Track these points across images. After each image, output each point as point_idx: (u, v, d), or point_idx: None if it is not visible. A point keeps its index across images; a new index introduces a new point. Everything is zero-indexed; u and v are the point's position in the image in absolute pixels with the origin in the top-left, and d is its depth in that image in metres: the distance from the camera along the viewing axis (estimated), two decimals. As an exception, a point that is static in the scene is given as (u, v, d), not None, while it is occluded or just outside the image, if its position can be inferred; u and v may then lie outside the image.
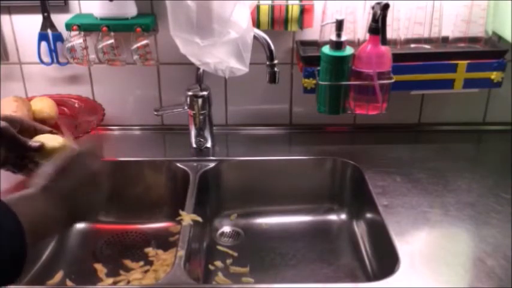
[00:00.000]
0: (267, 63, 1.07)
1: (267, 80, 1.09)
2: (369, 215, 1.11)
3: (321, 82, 1.12)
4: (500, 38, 1.18)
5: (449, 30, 1.19)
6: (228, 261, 1.10)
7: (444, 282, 0.85)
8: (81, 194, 0.73)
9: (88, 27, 1.17)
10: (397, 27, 1.17)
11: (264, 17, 1.15)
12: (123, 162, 1.20)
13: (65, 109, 1.26)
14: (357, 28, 1.16)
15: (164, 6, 1.00)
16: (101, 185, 0.77)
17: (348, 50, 1.10)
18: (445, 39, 1.20)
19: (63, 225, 0.73)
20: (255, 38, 1.03)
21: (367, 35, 1.09)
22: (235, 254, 1.12)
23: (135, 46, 1.18)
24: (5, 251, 0.59)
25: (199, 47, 1.00)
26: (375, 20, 1.05)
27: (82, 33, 1.18)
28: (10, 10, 1.21)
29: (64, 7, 1.20)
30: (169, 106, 1.24)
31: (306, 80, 1.17)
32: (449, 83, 1.18)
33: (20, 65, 1.27)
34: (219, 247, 1.14)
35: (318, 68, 1.12)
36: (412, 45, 1.19)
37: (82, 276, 1.05)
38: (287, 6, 1.14)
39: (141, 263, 1.08)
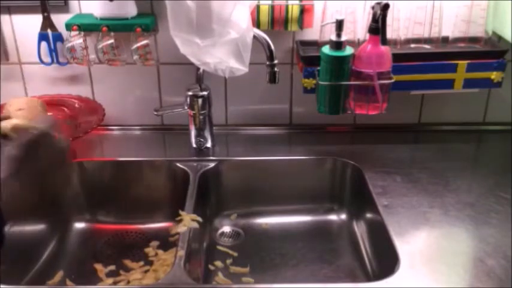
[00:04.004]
0: (267, 63, 1.07)
1: (267, 80, 1.09)
2: (369, 215, 1.11)
3: (321, 82, 1.12)
4: (500, 38, 1.18)
5: (449, 30, 1.19)
6: (228, 261, 1.10)
7: (444, 282, 0.85)
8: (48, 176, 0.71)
9: (88, 27, 1.17)
10: (397, 27, 1.17)
11: (264, 17, 1.15)
12: (123, 162, 1.20)
13: (65, 109, 1.26)
14: (357, 28, 1.16)
15: (164, 6, 1.00)
16: (63, 164, 0.75)
17: (348, 50, 1.10)
18: (445, 39, 1.20)
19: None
20: (255, 38, 1.03)
21: (367, 35, 1.09)
22: (235, 254, 1.12)
23: (135, 46, 1.18)
24: None
25: (199, 47, 1.00)
26: (375, 20, 1.05)
27: (82, 33, 1.18)
28: (10, 10, 1.21)
29: (64, 7, 1.20)
30: (169, 106, 1.24)
31: (306, 80, 1.17)
32: (449, 83, 1.18)
33: (20, 65, 1.27)
34: (219, 247, 1.14)
35: (318, 68, 1.12)
36: (412, 45, 1.19)
37: (82, 276, 1.05)
38: (287, 6, 1.14)
39: (141, 263, 1.08)
